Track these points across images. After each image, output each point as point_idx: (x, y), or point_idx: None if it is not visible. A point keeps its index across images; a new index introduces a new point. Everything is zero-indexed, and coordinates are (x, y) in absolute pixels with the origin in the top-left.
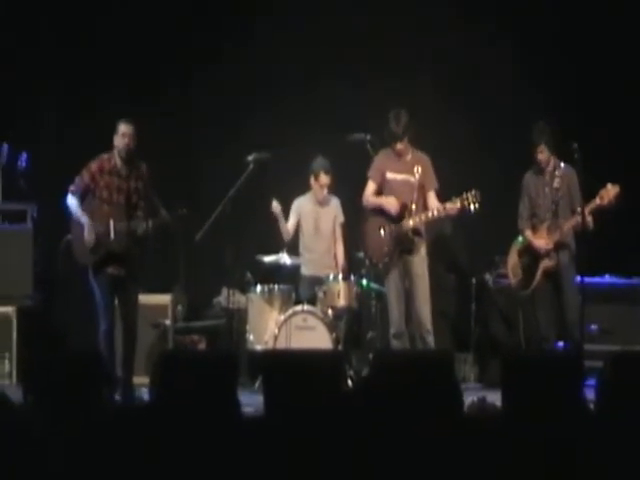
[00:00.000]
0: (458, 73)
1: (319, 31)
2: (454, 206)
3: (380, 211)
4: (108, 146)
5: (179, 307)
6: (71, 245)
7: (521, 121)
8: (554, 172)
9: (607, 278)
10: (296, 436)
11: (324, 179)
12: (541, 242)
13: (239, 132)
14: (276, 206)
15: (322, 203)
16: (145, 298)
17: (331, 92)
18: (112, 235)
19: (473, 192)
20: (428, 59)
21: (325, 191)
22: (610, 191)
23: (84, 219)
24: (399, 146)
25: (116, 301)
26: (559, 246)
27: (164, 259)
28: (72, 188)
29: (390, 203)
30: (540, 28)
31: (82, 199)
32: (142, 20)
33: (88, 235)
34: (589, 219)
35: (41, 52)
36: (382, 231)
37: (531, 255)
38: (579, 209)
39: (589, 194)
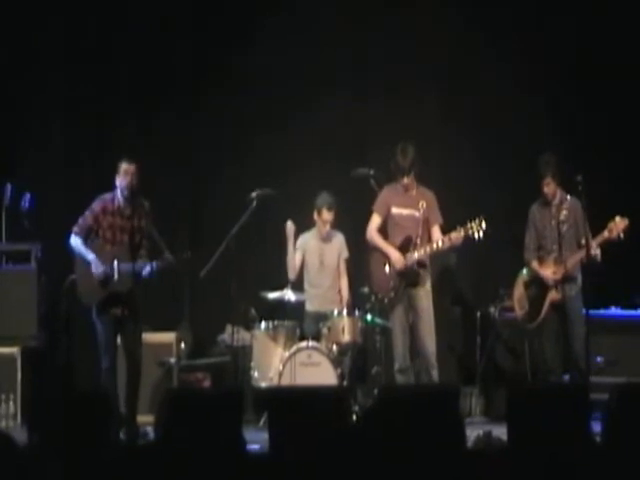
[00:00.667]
0: (464, 103)
1: (321, 64)
2: (459, 235)
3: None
4: (111, 185)
5: (182, 345)
6: (75, 285)
7: (527, 152)
8: (561, 205)
9: (612, 310)
10: (302, 473)
11: (327, 215)
12: (548, 272)
13: (242, 168)
14: (290, 227)
15: (326, 239)
16: (149, 336)
17: (335, 127)
18: (116, 276)
19: (477, 220)
20: (434, 89)
21: (328, 227)
22: (619, 224)
23: (90, 256)
24: (405, 180)
25: (119, 340)
26: (566, 279)
27: (168, 297)
28: (75, 229)
29: (394, 257)
30: (551, 57)
31: (86, 239)
32: (144, 57)
33: (96, 269)
34: (597, 252)
35: (46, 92)
36: (387, 266)
37: (538, 287)
38: (584, 241)
39: (598, 227)
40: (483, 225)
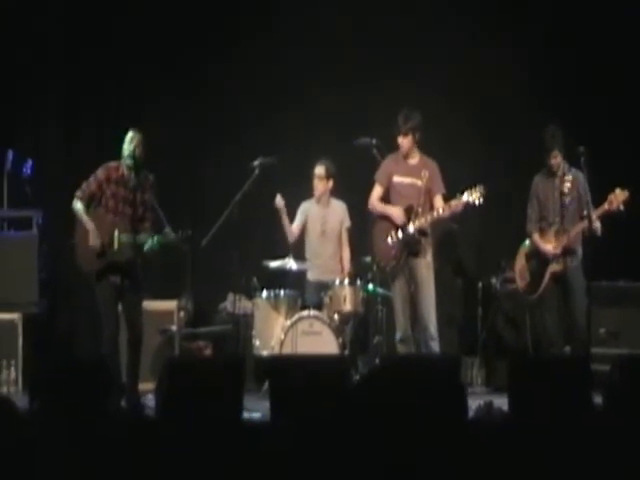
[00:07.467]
0: (467, 75)
1: (324, 34)
2: (458, 202)
3: (387, 216)
4: (111, 153)
5: (181, 313)
6: (74, 250)
7: (529, 124)
8: (564, 176)
9: (613, 281)
10: (303, 441)
11: (317, 169)
12: (549, 246)
13: (244, 137)
14: (279, 201)
15: (319, 199)
16: (151, 304)
17: (337, 96)
18: (115, 245)
19: (476, 187)
20: (436, 60)
21: (321, 184)
22: (619, 196)
23: (90, 225)
24: (399, 139)
25: (120, 309)
26: (567, 251)
27: (170, 265)
28: (79, 194)
29: (396, 213)
30: (550, 30)
31: (88, 206)
32: (145, 30)
33: (93, 241)
34: (597, 224)
35: (46, 59)
36: (390, 235)
37: (539, 259)
38: (586, 213)
39: (599, 199)
40: (482, 191)
